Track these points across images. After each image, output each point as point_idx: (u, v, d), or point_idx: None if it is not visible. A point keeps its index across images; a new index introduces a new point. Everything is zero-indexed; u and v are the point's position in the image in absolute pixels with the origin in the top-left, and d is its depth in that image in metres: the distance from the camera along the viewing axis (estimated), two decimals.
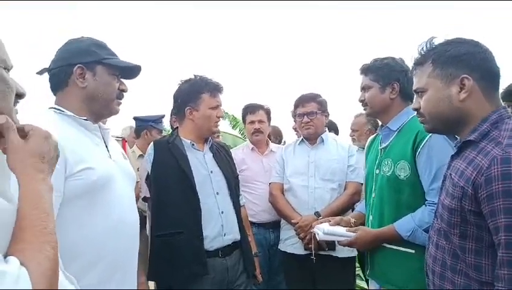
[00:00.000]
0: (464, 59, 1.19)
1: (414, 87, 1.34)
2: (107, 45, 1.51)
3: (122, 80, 1.54)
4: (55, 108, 1.43)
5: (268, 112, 2.98)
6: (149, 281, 2.66)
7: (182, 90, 2.17)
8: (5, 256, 0.65)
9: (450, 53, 1.22)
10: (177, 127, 2.22)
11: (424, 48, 1.30)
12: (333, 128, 3.79)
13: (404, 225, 1.68)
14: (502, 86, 3.04)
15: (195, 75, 2.18)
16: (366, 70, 1.90)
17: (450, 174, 1.22)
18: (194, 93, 2.12)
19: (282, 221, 2.65)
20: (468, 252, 1.14)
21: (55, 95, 1.47)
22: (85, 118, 1.43)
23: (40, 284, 0.64)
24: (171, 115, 3.11)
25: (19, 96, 0.85)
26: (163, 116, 3.65)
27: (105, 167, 1.38)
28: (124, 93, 1.55)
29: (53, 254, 0.70)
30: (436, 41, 1.29)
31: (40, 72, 1.49)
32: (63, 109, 1.41)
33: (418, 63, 1.31)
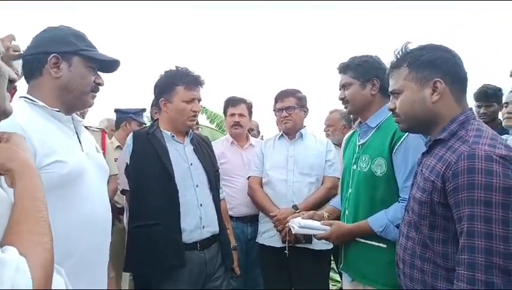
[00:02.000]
0: (437, 64, 1.30)
1: (390, 89, 1.43)
2: (86, 36, 1.48)
3: (100, 73, 1.51)
4: (26, 97, 1.38)
5: (249, 107, 3.00)
6: (125, 273, 2.65)
7: (159, 81, 2.17)
8: (1, 246, 0.65)
9: (424, 58, 1.32)
10: (158, 119, 2.21)
11: (400, 52, 1.39)
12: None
13: (378, 221, 1.74)
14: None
15: (176, 67, 2.17)
16: (345, 68, 1.94)
17: (421, 170, 1.32)
18: (168, 85, 2.11)
19: (261, 214, 2.70)
20: (436, 241, 1.24)
21: (28, 82, 1.42)
22: (57, 109, 1.39)
23: (38, 274, 0.65)
24: (151, 106, 3.09)
25: (11, 81, 0.85)
26: (143, 110, 3.66)
27: (77, 160, 1.35)
28: (100, 87, 1.51)
29: (50, 245, 0.71)
30: (411, 46, 1.38)
31: (16, 58, 1.44)
32: (34, 99, 1.37)
33: (395, 66, 1.40)
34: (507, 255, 1.07)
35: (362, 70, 1.88)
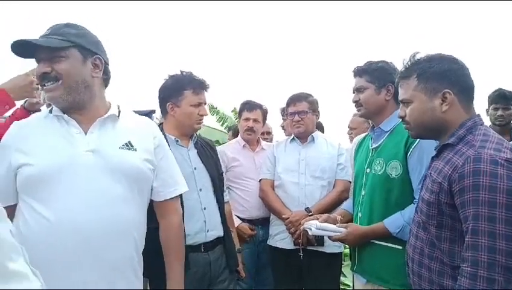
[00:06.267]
0: (446, 75, 1.39)
1: (400, 98, 1.52)
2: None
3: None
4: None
5: (264, 113, 3.06)
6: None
7: (165, 85, 2.22)
8: None
9: (433, 69, 1.41)
10: (162, 123, 2.26)
11: (409, 62, 1.47)
12: (319, 127, 3.88)
13: (394, 222, 1.80)
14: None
15: (181, 71, 2.22)
16: (361, 72, 2.01)
17: (430, 173, 1.42)
18: (176, 90, 2.15)
19: (272, 217, 2.77)
20: (443, 240, 1.34)
21: None
22: (58, 113, 1.44)
23: None
24: None
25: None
26: (153, 111, 3.64)
27: (53, 161, 1.34)
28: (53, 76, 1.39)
29: None
30: (419, 56, 1.46)
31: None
32: (53, 107, 1.47)
33: (404, 76, 1.48)
34: (509, 253, 1.15)
35: (378, 75, 1.95)
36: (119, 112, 1.54)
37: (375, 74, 1.95)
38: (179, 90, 2.14)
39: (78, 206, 1.32)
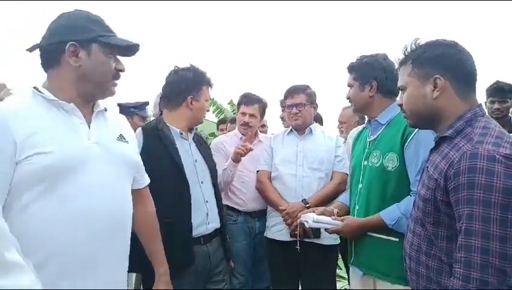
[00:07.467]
0: (438, 60, 1.33)
1: (398, 85, 1.49)
2: (103, 20, 1.42)
3: (120, 57, 1.46)
4: (35, 88, 1.35)
5: (263, 107, 3.01)
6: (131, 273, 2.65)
7: (184, 77, 2.21)
8: None
9: (427, 54, 1.36)
10: (161, 114, 2.26)
11: (408, 49, 1.43)
12: (318, 119, 3.88)
13: (390, 214, 1.80)
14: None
15: (191, 65, 2.26)
16: (349, 68, 2.04)
17: (427, 167, 1.37)
18: (196, 84, 2.21)
19: (269, 208, 2.77)
20: (440, 238, 1.29)
21: (46, 72, 1.40)
22: (55, 98, 1.34)
23: None
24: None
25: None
26: (146, 103, 3.65)
27: (69, 151, 1.29)
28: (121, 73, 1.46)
29: None
30: (420, 43, 1.41)
31: (30, 49, 1.39)
32: (42, 90, 1.34)
33: (402, 62, 1.45)
34: (503, 255, 1.10)
35: (362, 73, 1.97)
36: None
37: (360, 72, 1.98)
38: (199, 85, 2.21)
39: (98, 198, 1.32)
